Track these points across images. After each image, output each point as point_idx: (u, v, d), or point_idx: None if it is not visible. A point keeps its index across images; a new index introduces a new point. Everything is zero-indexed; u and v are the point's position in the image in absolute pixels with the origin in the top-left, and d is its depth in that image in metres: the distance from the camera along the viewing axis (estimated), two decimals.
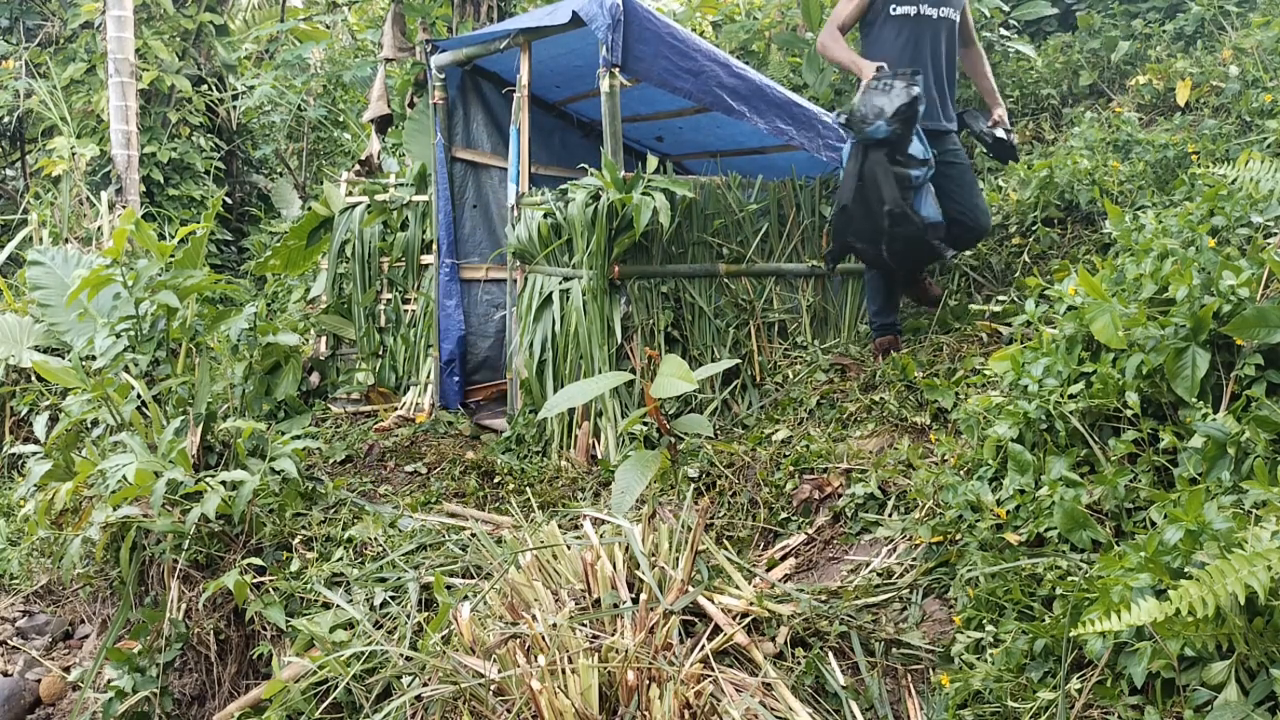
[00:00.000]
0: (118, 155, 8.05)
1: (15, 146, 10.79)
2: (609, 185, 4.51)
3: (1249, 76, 5.58)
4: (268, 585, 3.84)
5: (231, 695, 3.98)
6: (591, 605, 2.87)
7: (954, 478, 3.12)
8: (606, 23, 4.49)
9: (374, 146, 7.60)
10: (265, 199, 11.56)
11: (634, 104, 5.77)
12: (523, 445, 5.04)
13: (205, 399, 4.48)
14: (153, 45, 9.50)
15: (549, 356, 4.91)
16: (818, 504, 3.71)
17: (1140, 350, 2.80)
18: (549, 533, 3.35)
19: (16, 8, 10.08)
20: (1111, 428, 2.91)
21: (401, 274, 6.44)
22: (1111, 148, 5.33)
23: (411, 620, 3.33)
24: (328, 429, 5.86)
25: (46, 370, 4.72)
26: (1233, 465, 2.45)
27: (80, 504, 4.53)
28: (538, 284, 5.06)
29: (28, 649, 5.02)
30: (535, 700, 2.41)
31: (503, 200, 6.08)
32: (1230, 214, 3.38)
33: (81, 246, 7.97)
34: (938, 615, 2.88)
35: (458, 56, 5.72)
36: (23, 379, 6.55)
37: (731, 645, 2.79)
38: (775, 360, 4.85)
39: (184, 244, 5.06)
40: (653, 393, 3.33)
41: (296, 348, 5.71)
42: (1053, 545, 2.68)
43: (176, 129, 9.90)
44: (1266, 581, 1.84)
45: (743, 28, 8.44)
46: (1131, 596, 2.10)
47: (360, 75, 10.26)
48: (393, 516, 4.20)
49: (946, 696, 2.50)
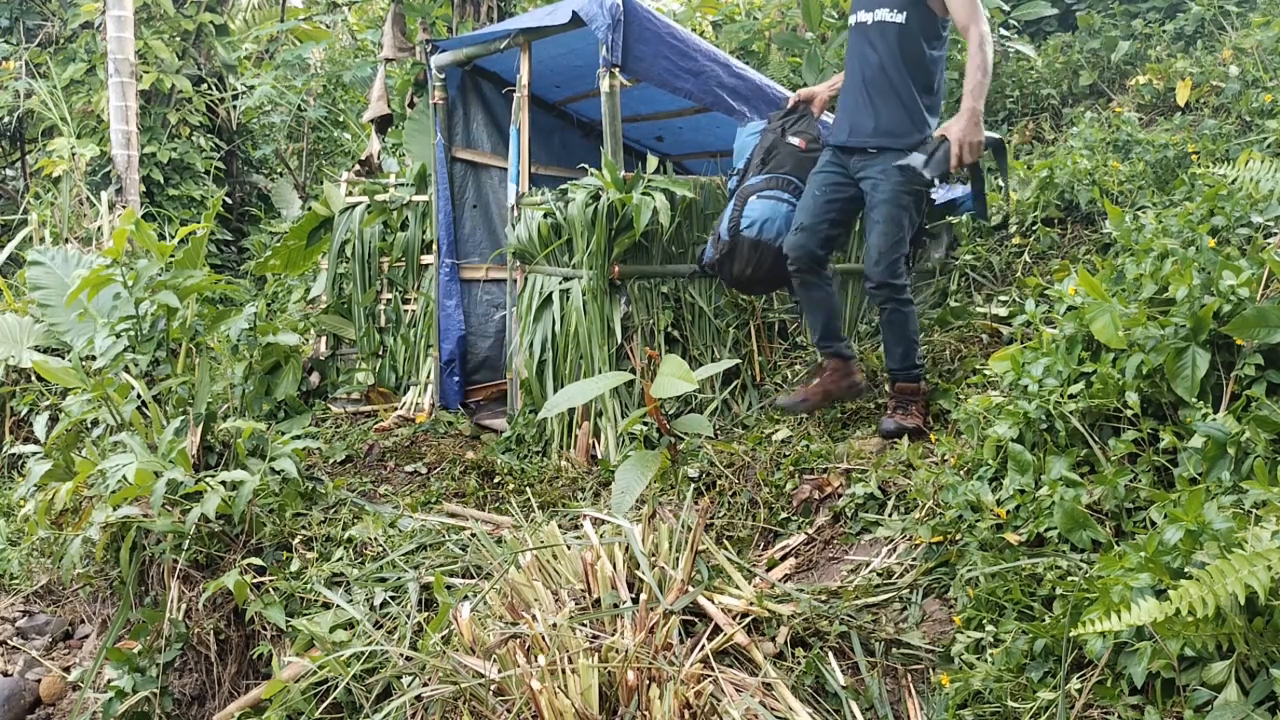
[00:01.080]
0: (118, 155, 8.05)
1: (15, 146, 10.79)
2: (609, 185, 4.51)
3: (1249, 76, 5.59)
4: (268, 585, 3.84)
5: (231, 695, 3.98)
6: (591, 605, 2.87)
7: (954, 478, 3.12)
8: (606, 23, 4.49)
9: (374, 146, 7.60)
10: (265, 199, 11.56)
11: (634, 104, 5.77)
12: (523, 445, 5.04)
13: (205, 399, 4.48)
14: (153, 45, 9.50)
15: (549, 356, 4.91)
16: (818, 504, 3.71)
17: (1140, 350, 2.80)
18: (549, 533, 3.35)
19: (16, 8, 10.08)
20: (1111, 428, 2.91)
21: (401, 274, 6.44)
22: (1111, 148, 5.33)
23: (411, 620, 3.33)
24: (328, 429, 5.86)
25: (46, 370, 4.72)
26: (1233, 465, 2.45)
27: (80, 504, 4.53)
28: (538, 284, 5.06)
29: (28, 649, 5.02)
30: (535, 700, 2.41)
31: (503, 200, 6.07)
32: (1230, 214, 3.38)
33: (81, 246, 7.97)
34: (938, 615, 2.88)
35: (458, 56, 5.72)
36: (23, 379, 6.55)
37: (731, 645, 2.79)
38: (775, 360, 4.85)
39: (184, 244, 5.06)
40: (653, 393, 3.33)
41: (296, 348, 5.71)
42: (1053, 545, 2.68)
43: (176, 129, 9.90)
44: (1266, 581, 1.84)
45: (743, 28, 8.45)
46: (1131, 596, 2.10)
47: (360, 75, 10.27)
48: (393, 516, 4.20)
49: (946, 696, 2.50)
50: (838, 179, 3.88)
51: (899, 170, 3.68)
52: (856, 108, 3.82)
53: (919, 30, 3.71)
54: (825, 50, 7.12)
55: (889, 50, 3.74)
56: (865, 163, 3.79)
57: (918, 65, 3.75)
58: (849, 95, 3.88)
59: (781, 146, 4.21)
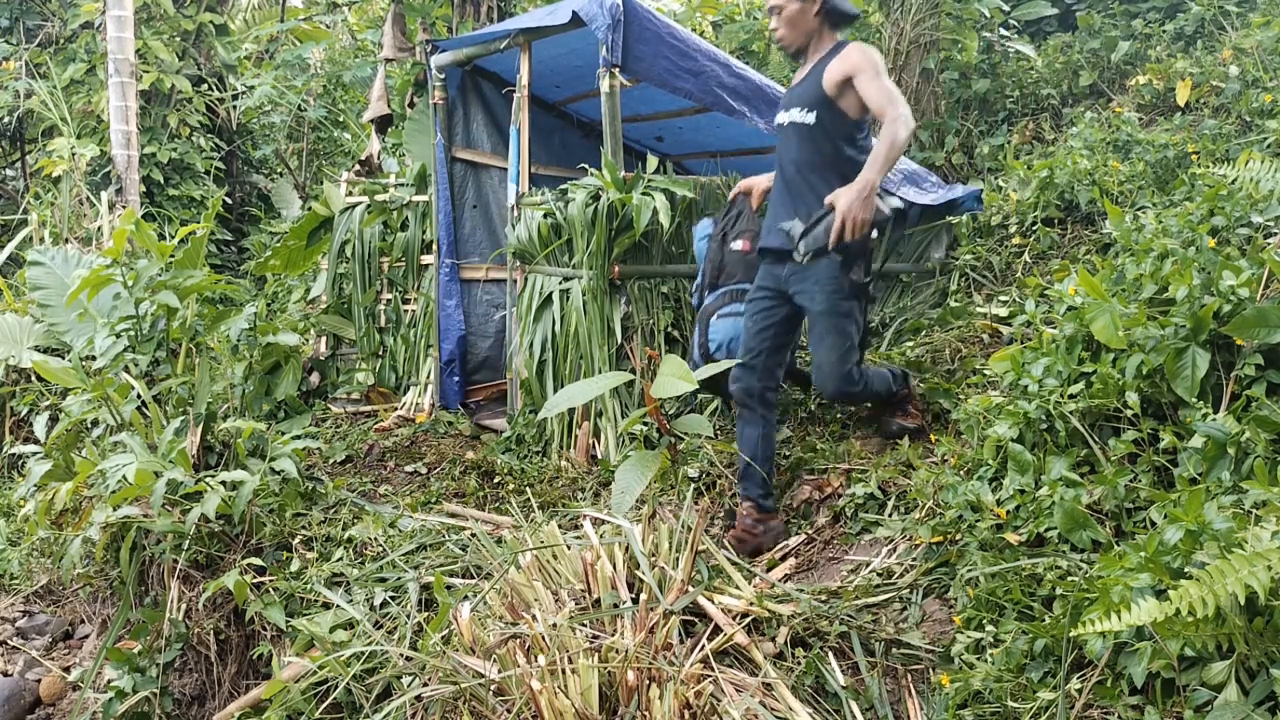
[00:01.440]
0: (118, 155, 8.05)
1: (15, 146, 10.79)
2: (609, 185, 4.51)
3: (1249, 76, 5.59)
4: (268, 585, 3.84)
5: (231, 695, 3.98)
6: (591, 605, 2.87)
7: (954, 478, 3.12)
8: (606, 23, 4.49)
9: (374, 146, 7.60)
10: (265, 199, 11.57)
11: (634, 104, 5.77)
12: (523, 445, 5.04)
13: (205, 399, 4.48)
14: (153, 45, 9.51)
15: (549, 356, 4.92)
16: (818, 504, 3.71)
17: (1140, 350, 2.80)
18: (549, 533, 3.35)
19: (16, 8, 10.08)
20: (1111, 428, 2.91)
21: (401, 274, 6.45)
22: (1111, 148, 5.33)
23: (411, 620, 3.33)
24: (328, 429, 5.86)
25: (46, 370, 4.72)
26: (1233, 465, 2.45)
27: (80, 504, 4.53)
28: (538, 284, 5.06)
29: (28, 649, 5.02)
30: (535, 700, 2.40)
31: (503, 200, 6.08)
32: (1230, 214, 3.38)
33: (81, 246, 7.97)
34: (938, 615, 2.88)
35: (458, 56, 5.72)
36: (23, 379, 6.55)
37: (731, 645, 2.79)
38: None
39: (184, 244, 5.05)
40: (653, 393, 3.33)
41: (296, 348, 5.71)
42: (1053, 545, 2.68)
43: (176, 129, 9.90)
44: (1266, 581, 1.84)
45: (743, 28, 8.45)
46: (1131, 596, 2.10)
47: (360, 75, 10.27)
48: (393, 516, 4.20)
49: (946, 696, 2.50)
50: (768, 302, 3.65)
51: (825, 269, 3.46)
52: (779, 210, 3.65)
53: (830, 131, 3.51)
54: None
55: (803, 151, 3.58)
56: (795, 271, 3.55)
57: (832, 167, 3.53)
58: (774, 196, 3.73)
59: (728, 255, 4.02)
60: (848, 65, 3.43)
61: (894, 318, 5.18)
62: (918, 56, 6.60)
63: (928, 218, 5.36)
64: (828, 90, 3.49)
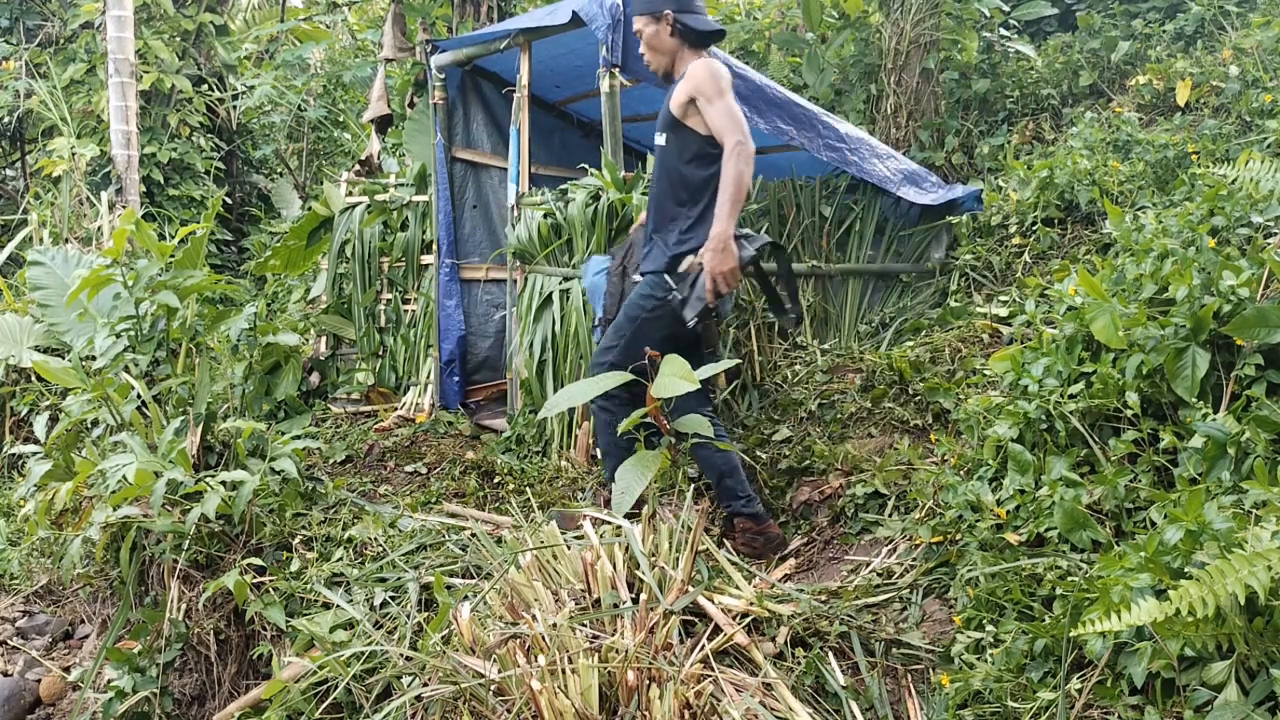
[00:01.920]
0: (118, 155, 8.05)
1: (15, 146, 10.79)
2: (609, 185, 4.51)
3: (1249, 76, 5.59)
4: (268, 585, 3.84)
5: (231, 695, 3.98)
6: (591, 605, 2.87)
7: (954, 478, 3.12)
8: (606, 23, 4.49)
9: (374, 146, 7.60)
10: (265, 199, 11.57)
11: (634, 104, 5.77)
12: (523, 445, 5.04)
13: (205, 399, 4.48)
14: (153, 45, 9.51)
15: (549, 356, 4.91)
16: (818, 505, 3.71)
17: (1140, 350, 2.80)
18: (549, 533, 3.35)
19: (16, 8, 10.08)
20: (1111, 428, 2.91)
21: (401, 274, 6.44)
22: (1111, 148, 5.33)
23: (411, 620, 3.33)
24: (328, 429, 5.86)
25: (46, 370, 4.72)
26: (1233, 465, 2.45)
27: (80, 504, 4.53)
28: (538, 284, 5.06)
29: (28, 649, 5.02)
30: (535, 700, 2.40)
31: (503, 200, 6.08)
32: (1230, 214, 3.38)
33: (81, 246, 7.97)
34: (938, 615, 2.88)
35: (458, 56, 5.72)
36: (23, 379, 6.55)
37: (731, 645, 2.79)
38: (775, 360, 4.85)
39: (184, 244, 5.05)
40: (653, 393, 3.32)
41: (296, 348, 5.71)
42: (1053, 545, 2.68)
43: (176, 129, 9.90)
44: (1266, 581, 1.84)
45: (743, 28, 8.45)
46: (1131, 596, 2.10)
47: (360, 75, 10.27)
48: (393, 516, 4.20)
49: (946, 696, 2.50)
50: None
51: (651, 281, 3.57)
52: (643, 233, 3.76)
53: (679, 151, 3.55)
54: (825, 50, 7.13)
55: (657, 172, 3.67)
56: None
57: (681, 186, 3.58)
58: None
59: (628, 287, 3.95)
60: (690, 85, 3.44)
61: (894, 318, 5.19)
62: (918, 56, 6.60)
63: (928, 218, 5.37)
64: (674, 112, 3.51)
